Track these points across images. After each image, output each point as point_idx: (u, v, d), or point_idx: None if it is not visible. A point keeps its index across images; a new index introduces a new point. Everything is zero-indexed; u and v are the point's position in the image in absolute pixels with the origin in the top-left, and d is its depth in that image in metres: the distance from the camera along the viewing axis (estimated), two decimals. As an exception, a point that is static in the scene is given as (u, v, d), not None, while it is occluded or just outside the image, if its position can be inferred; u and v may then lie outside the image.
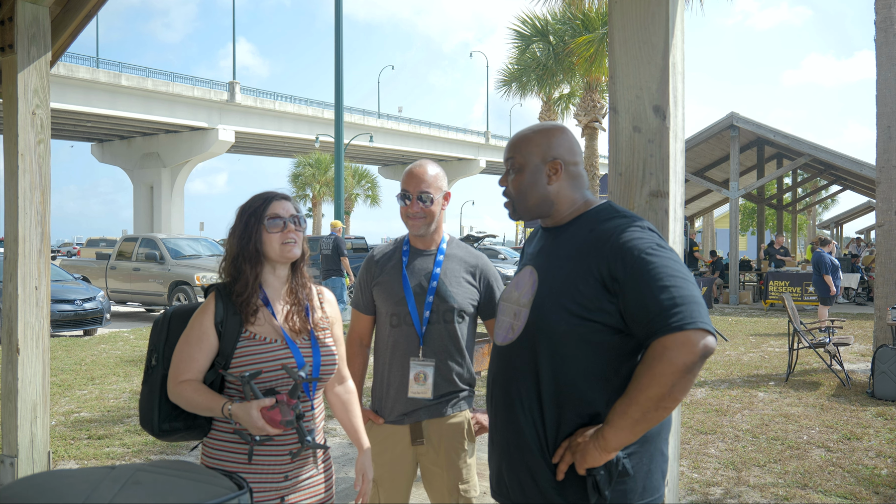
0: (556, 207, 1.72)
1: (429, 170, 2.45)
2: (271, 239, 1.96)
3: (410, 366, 2.40)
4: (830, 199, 42.54)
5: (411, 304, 2.42)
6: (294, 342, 1.97)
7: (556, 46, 16.24)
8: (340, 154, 12.17)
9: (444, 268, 2.47)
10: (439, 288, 2.43)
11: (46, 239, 3.47)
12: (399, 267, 2.48)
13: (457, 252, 2.53)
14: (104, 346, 10.44)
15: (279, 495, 1.93)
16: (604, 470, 1.51)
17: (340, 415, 2.19)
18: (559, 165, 1.70)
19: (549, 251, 1.70)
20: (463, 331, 2.46)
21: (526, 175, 1.71)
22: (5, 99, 3.44)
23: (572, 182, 1.72)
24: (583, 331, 1.54)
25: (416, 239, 2.52)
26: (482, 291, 2.52)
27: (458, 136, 54.85)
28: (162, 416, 1.95)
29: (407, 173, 2.46)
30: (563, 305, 1.56)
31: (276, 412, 1.78)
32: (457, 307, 2.43)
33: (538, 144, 1.72)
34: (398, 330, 2.42)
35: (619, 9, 1.98)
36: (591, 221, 1.65)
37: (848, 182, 23.82)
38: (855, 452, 5.12)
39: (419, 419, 2.42)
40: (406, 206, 2.44)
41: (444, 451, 2.44)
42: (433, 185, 2.43)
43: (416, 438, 2.43)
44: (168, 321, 2.03)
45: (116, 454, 5.11)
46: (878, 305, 8.04)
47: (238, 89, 38.39)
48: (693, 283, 1.48)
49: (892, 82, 7.95)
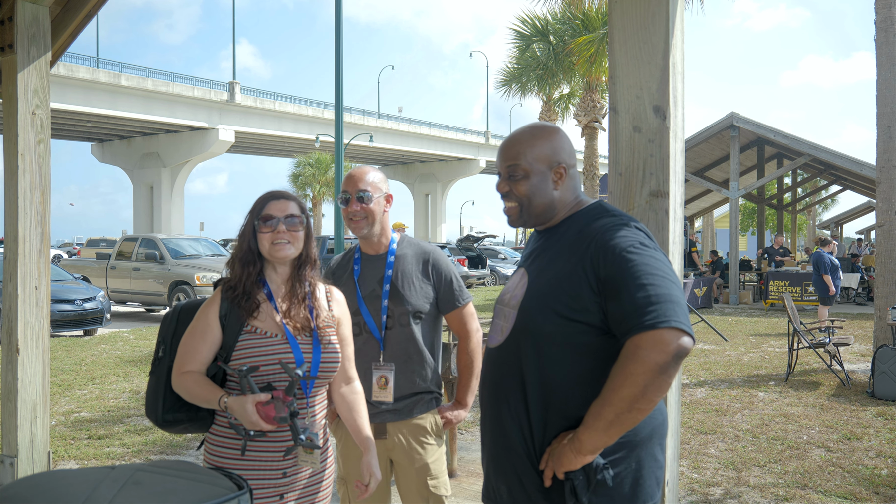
0: (557, 211, 1.71)
1: (368, 170, 2.49)
2: (263, 238, 1.99)
3: (372, 371, 2.43)
4: (830, 199, 42.55)
5: (365, 313, 2.44)
6: (295, 338, 1.98)
7: (556, 46, 16.26)
8: (340, 154, 12.15)
9: (395, 270, 2.47)
10: (392, 292, 2.44)
11: (46, 239, 3.47)
12: (352, 277, 2.50)
13: (408, 251, 2.53)
14: (104, 346, 10.44)
15: (278, 492, 1.94)
16: (582, 474, 1.48)
17: (345, 415, 2.20)
18: (563, 170, 1.69)
19: (539, 252, 1.70)
20: (423, 331, 2.47)
21: (533, 181, 1.68)
22: (5, 99, 3.44)
23: (572, 184, 1.72)
24: (568, 332, 1.53)
25: (366, 244, 2.52)
26: (436, 286, 2.50)
27: (458, 136, 54.84)
28: (166, 407, 1.99)
29: (346, 178, 2.48)
30: (548, 306, 1.55)
31: (270, 408, 1.78)
32: (411, 309, 2.43)
33: (542, 149, 1.69)
34: (360, 338, 2.43)
35: (619, 9, 1.98)
36: (579, 221, 1.65)
37: (848, 182, 23.82)
38: (855, 452, 5.12)
39: (384, 421, 2.45)
40: (346, 208, 2.45)
41: (410, 448, 2.45)
42: (372, 185, 2.44)
43: (380, 433, 2.43)
44: (178, 314, 2.08)
45: (116, 454, 5.11)
46: (878, 305, 8.04)
47: (238, 89, 38.38)
48: (673, 282, 1.45)
49: (892, 82, 7.95)
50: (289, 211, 2.01)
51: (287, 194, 2.07)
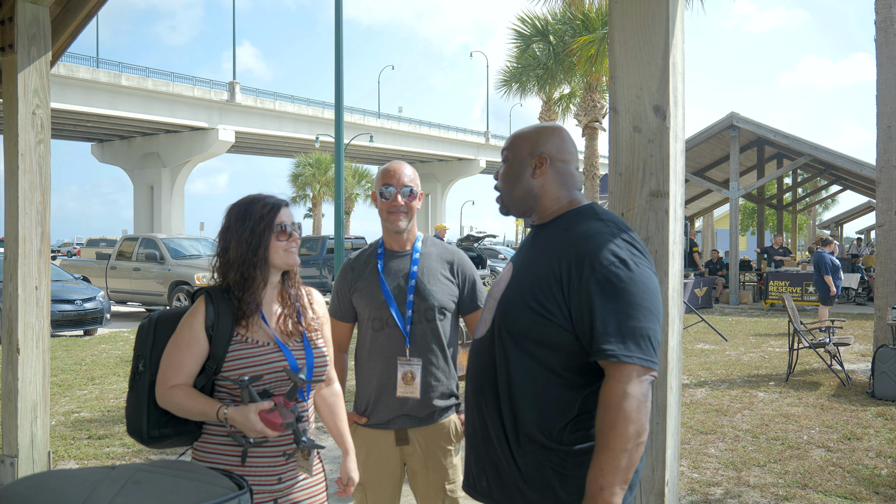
0: (541, 203, 1.73)
1: (407, 165, 2.51)
2: (278, 247, 1.95)
3: (398, 366, 2.40)
4: (830, 199, 42.55)
5: (393, 307, 2.42)
6: (286, 345, 1.96)
7: (556, 46, 16.25)
8: (340, 154, 12.15)
9: (420, 266, 2.47)
10: (418, 287, 2.43)
11: (46, 239, 3.47)
12: (376, 271, 2.48)
13: (432, 250, 2.53)
14: (104, 346, 10.44)
15: (272, 497, 1.93)
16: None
17: (325, 417, 2.19)
18: (545, 159, 1.71)
19: (527, 248, 1.73)
20: (445, 328, 2.47)
21: (513, 167, 1.74)
22: (5, 99, 3.44)
23: (559, 179, 1.72)
24: (540, 328, 1.56)
25: (391, 240, 2.52)
26: (461, 287, 2.52)
27: (458, 136, 54.86)
28: (151, 423, 1.92)
29: (386, 171, 2.48)
30: (524, 302, 1.58)
31: (275, 415, 1.78)
32: (437, 305, 2.43)
33: (528, 139, 1.75)
34: (381, 333, 2.42)
35: (619, 9, 1.98)
36: (568, 221, 1.67)
37: (848, 182, 23.82)
38: (855, 452, 5.12)
39: (405, 426, 2.43)
40: (388, 201, 2.45)
41: (429, 453, 2.45)
42: (413, 180, 2.48)
43: (401, 440, 2.44)
44: (154, 326, 2.00)
45: (116, 454, 5.12)
46: (878, 305, 8.04)
47: (238, 89, 38.39)
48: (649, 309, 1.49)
49: (893, 82, 7.95)
50: (293, 218, 2.01)
51: (286, 200, 2.05)
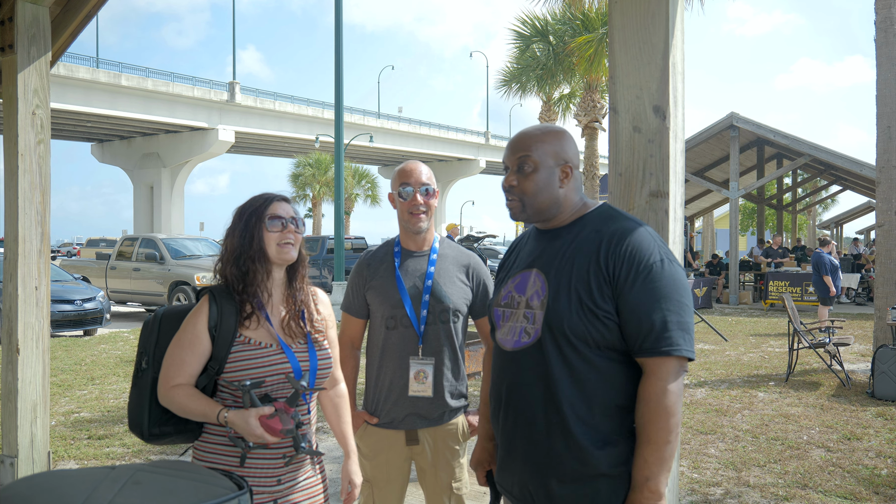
0: (561, 209, 1.73)
1: (422, 165, 2.51)
2: (270, 239, 1.94)
3: (410, 365, 2.40)
4: (830, 199, 42.54)
5: (408, 306, 2.41)
6: (290, 347, 1.94)
7: (556, 46, 16.23)
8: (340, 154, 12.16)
9: (437, 267, 2.47)
10: (434, 288, 2.43)
11: (46, 239, 3.48)
12: (392, 269, 2.47)
13: (449, 252, 2.54)
14: (104, 346, 10.44)
15: (272, 498, 1.92)
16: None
17: (331, 418, 2.18)
18: (570, 169, 1.73)
19: (553, 252, 1.70)
20: (458, 330, 2.48)
21: (541, 175, 1.71)
22: (5, 99, 3.44)
23: (576, 185, 1.75)
24: (597, 327, 1.58)
25: (408, 240, 2.51)
26: (475, 290, 2.53)
27: (458, 136, 54.83)
28: (152, 420, 1.91)
29: (403, 171, 2.47)
30: (575, 299, 1.59)
31: (275, 421, 1.76)
32: (452, 307, 2.44)
33: (552, 146, 1.73)
34: (394, 332, 2.42)
35: (619, 9, 1.98)
36: (594, 222, 1.69)
37: (848, 182, 23.82)
38: (855, 452, 5.12)
39: (415, 427, 2.44)
40: (407, 202, 2.43)
41: (438, 453, 2.46)
42: (431, 180, 2.48)
43: (412, 440, 2.46)
44: (158, 323, 1.99)
45: (116, 454, 5.12)
46: (878, 305, 8.04)
47: (238, 89, 38.36)
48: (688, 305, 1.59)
49: (892, 82, 7.95)
50: (292, 213, 1.99)
51: (286, 196, 2.04)
